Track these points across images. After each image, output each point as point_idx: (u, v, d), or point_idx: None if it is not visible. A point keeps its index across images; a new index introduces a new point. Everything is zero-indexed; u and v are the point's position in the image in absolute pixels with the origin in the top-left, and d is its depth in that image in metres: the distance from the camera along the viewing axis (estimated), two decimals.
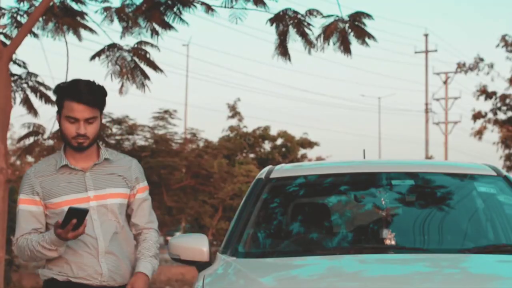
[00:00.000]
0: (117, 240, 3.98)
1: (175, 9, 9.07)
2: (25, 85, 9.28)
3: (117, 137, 20.39)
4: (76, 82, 3.87)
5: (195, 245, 4.42)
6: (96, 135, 3.91)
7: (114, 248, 3.97)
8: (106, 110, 4.27)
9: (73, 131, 3.85)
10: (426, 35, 44.58)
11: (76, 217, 3.71)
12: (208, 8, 9.11)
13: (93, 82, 3.90)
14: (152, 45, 9.33)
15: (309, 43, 9.06)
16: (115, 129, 20.35)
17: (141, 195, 4.10)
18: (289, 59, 9.19)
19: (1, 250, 8.21)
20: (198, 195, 21.80)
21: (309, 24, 9.06)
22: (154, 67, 9.37)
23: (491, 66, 23.97)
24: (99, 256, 3.93)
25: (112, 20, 9.16)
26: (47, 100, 9.34)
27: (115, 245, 3.98)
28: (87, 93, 3.81)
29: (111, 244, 3.96)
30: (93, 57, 9.36)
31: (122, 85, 9.30)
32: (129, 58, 9.28)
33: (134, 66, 9.29)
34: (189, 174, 21.30)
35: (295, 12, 9.09)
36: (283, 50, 9.15)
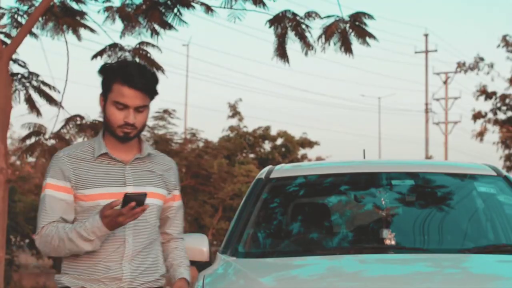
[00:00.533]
0: (149, 245, 3.52)
1: (175, 10, 9.07)
2: (28, 85, 9.28)
3: None
4: (128, 64, 3.44)
5: (195, 245, 4.42)
6: (143, 126, 3.48)
7: (144, 253, 3.51)
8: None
9: (120, 119, 3.39)
10: (426, 35, 44.59)
11: (135, 201, 3.28)
12: (208, 9, 9.11)
13: (145, 66, 3.47)
14: (153, 45, 9.34)
15: (307, 45, 9.06)
16: None
17: (178, 203, 3.72)
18: (288, 61, 9.19)
19: (1, 250, 8.21)
20: (198, 195, 21.80)
21: (307, 26, 9.07)
22: (156, 67, 9.38)
23: (491, 66, 24.00)
24: (123, 260, 3.44)
25: (114, 20, 9.16)
26: (50, 100, 9.34)
27: (147, 250, 3.52)
28: (140, 78, 3.36)
29: (141, 249, 3.49)
30: (94, 57, 9.37)
31: None
32: (130, 59, 9.29)
33: None
34: (189, 174, 21.31)
35: (294, 14, 9.10)
36: (282, 52, 9.16)
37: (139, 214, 3.27)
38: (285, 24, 9.06)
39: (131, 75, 3.34)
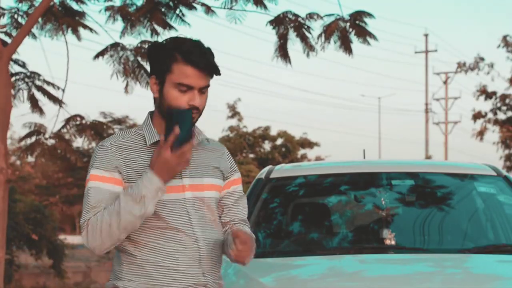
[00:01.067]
0: (215, 242, 3.05)
1: (177, 11, 9.07)
2: (31, 84, 9.28)
3: None
4: (185, 41, 3.00)
5: None
6: (204, 109, 3.06)
7: (215, 252, 3.05)
8: (107, 110, 3.98)
9: (184, 102, 2.94)
10: (426, 35, 44.59)
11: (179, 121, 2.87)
12: (208, 9, 9.11)
13: (201, 42, 3.05)
14: None
15: (309, 46, 9.07)
16: (113, 129, 20.36)
17: (238, 187, 3.20)
18: (290, 62, 9.19)
19: (1, 250, 8.21)
20: None
21: (309, 27, 9.07)
22: None
23: (491, 66, 24.00)
24: (201, 262, 2.98)
25: (115, 19, 9.17)
26: (54, 99, 9.34)
27: (215, 249, 3.05)
28: (202, 56, 2.97)
29: (211, 247, 3.03)
30: (96, 56, 9.37)
31: (127, 84, 9.31)
32: (132, 58, 9.30)
33: (138, 65, 9.30)
34: None
35: (295, 15, 9.10)
36: (283, 53, 9.16)
37: (188, 156, 2.88)
38: (286, 25, 9.06)
39: (193, 53, 2.95)
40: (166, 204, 2.95)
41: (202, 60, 2.95)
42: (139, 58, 9.30)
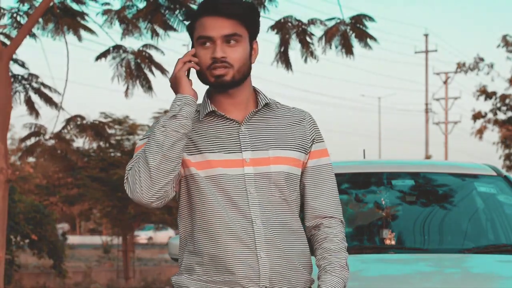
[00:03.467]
0: (283, 228, 2.65)
1: (177, 13, 9.06)
2: (28, 86, 9.28)
3: (117, 137, 20.40)
4: None
5: None
6: (244, 66, 2.66)
7: (278, 239, 2.64)
8: (107, 110, 3.84)
9: (207, 57, 2.64)
10: (426, 35, 44.58)
11: None
12: None
13: None
14: (156, 48, 9.34)
15: (309, 53, 9.07)
16: (115, 129, 20.36)
17: (323, 160, 2.76)
18: (291, 68, 9.18)
19: (1, 250, 8.21)
20: None
21: (311, 34, 9.07)
22: (161, 70, 9.39)
23: (491, 66, 24.02)
24: (257, 248, 2.61)
25: (112, 23, 9.16)
26: (50, 102, 9.35)
27: (280, 235, 2.65)
28: (226, 2, 2.64)
29: (274, 233, 2.63)
30: (98, 58, 9.37)
31: (127, 88, 9.31)
32: (133, 61, 9.30)
33: (139, 69, 9.30)
34: None
35: (298, 21, 9.11)
36: (284, 58, 9.16)
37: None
38: (288, 31, 9.06)
39: (216, 2, 2.64)
40: (224, 180, 2.65)
41: (221, 6, 2.63)
42: (140, 62, 9.29)
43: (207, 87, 2.73)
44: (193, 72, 2.73)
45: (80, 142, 19.16)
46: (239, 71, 2.64)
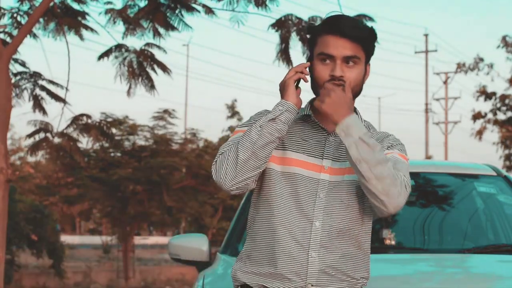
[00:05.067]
0: (344, 236, 2.79)
1: (177, 12, 9.06)
2: (34, 83, 9.27)
3: (117, 137, 20.41)
4: (339, 17, 2.85)
5: (195, 245, 4.42)
6: (357, 86, 2.82)
7: (335, 245, 2.77)
8: (107, 110, 3.89)
9: (326, 74, 2.79)
10: (426, 35, 44.56)
11: None
12: (209, 11, 9.10)
13: (360, 20, 2.91)
14: (158, 47, 9.34)
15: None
16: (115, 129, 20.37)
17: (395, 155, 2.85)
18: (292, 66, 9.17)
19: (1, 250, 8.21)
20: (198, 196, 21.80)
21: None
22: (163, 68, 9.39)
23: (491, 66, 24.02)
24: (310, 248, 2.75)
25: (115, 22, 9.16)
26: (57, 98, 9.34)
27: (339, 243, 2.78)
28: (350, 26, 2.79)
29: (331, 239, 2.77)
30: (100, 57, 9.37)
31: (129, 88, 9.31)
32: (135, 61, 9.30)
33: (141, 68, 9.30)
34: (189, 174, 21.30)
35: (298, 19, 9.10)
36: (285, 56, 9.15)
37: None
38: (289, 29, 9.06)
39: (335, 22, 2.80)
40: (297, 179, 2.80)
41: (346, 28, 2.78)
42: (143, 61, 9.28)
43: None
44: (305, 83, 2.85)
45: (83, 142, 19.16)
46: (353, 90, 2.79)
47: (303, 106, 2.86)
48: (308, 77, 2.84)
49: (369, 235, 2.88)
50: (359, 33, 2.80)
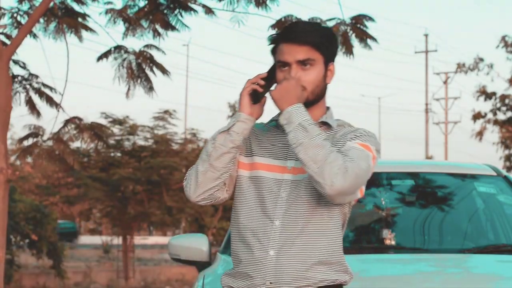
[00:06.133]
0: (307, 232, 2.84)
1: (176, 12, 9.06)
2: (28, 87, 9.27)
3: (117, 137, 20.41)
4: (292, 24, 2.96)
5: (195, 245, 4.42)
6: (317, 87, 2.90)
7: (296, 242, 2.83)
8: (107, 110, 3.88)
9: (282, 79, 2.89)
10: (426, 35, 44.57)
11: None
12: (209, 11, 9.10)
13: (317, 23, 3.05)
14: (157, 48, 9.34)
15: None
16: (116, 129, 20.36)
17: (351, 143, 2.89)
18: None
19: (1, 249, 8.21)
20: None
21: None
22: (162, 70, 9.39)
23: (490, 66, 24.03)
24: (269, 246, 2.83)
25: (115, 22, 9.15)
26: (51, 102, 9.33)
27: (301, 239, 2.83)
28: (301, 31, 2.89)
29: (292, 236, 2.83)
30: (100, 58, 9.36)
31: (128, 89, 9.30)
32: (135, 62, 9.29)
33: (140, 70, 9.29)
34: None
35: (298, 19, 9.09)
36: None
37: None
38: None
39: (291, 30, 2.91)
40: (262, 182, 2.92)
41: (297, 35, 2.88)
42: (142, 63, 9.28)
43: None
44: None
45: (78, 144, 19.16)
46: (313, 92, 2.89)
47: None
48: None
49: (339, 232, 2.92)
50: (310, 38, 2.87)
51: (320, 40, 2.89)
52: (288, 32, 2.91)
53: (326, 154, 2.72)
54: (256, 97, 2.89)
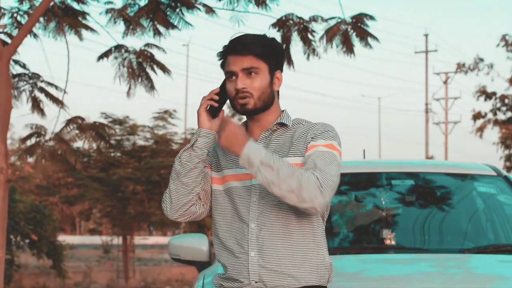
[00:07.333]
0: (282, 231, 2.97)
1: (177, 10, 9.06)
2: (34, 85, 9.26)
3: (117, 137, 20.41)
4: (236, 38, 3.09)
5: (195, 245, 4.42)
6: (264, 94, 3.02)
7: (273, 241, 2.96)
8: (107, 110, 3.90)
9: (232, 89, 3.02)
10: (426, 35, 44.57)
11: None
12: (209, 10, 9.10)
13: (262, 35, 3.12)
14: (158, 47, 9.33)
15: (311, 50, 9.05)
16: (119, 129, 20.36)
17: (318, 148, 2.98)
18: (293, 65, 9.16)
19: (1, 249, 8.21)
20: None
21: (313, 31, 9.06)
22: (162, 68, 9.39)
23: (490, 66, 24.04)
24: (249, 248, 2.97)
25: (115, 22, 9.15)
26: (55, 100, 9.33)
27: (277, 238, 2.96)
28: (244, 43, 3.04)
29: (269, 236, 2.96)
30: (100, 58, 9.36)
31: (129, 88, 9.30)
32: (135, 61, 9.29)
33: (141, 69, 9.29)
34: None
35: (299, 18, 9.09)
36: (286, 56, 9.13)
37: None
38: (290, 28, 9.04)
39: (234, 43, 3.06)
40: (234, 191, 3.06)
41: (237, 45, 3.04)
42: (143, 62, 9.27)
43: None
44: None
45: (80, 143, 19.15)
46: (259, 98, 3.03)
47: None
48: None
49: (318, 228, 3.04)
50: (253, 48, 3.02)
51: (263, 50, 3.03)
52: (233, 44, 3.06)
53: (299, 180, 2.82)
54: (214, 112, 3.05)
